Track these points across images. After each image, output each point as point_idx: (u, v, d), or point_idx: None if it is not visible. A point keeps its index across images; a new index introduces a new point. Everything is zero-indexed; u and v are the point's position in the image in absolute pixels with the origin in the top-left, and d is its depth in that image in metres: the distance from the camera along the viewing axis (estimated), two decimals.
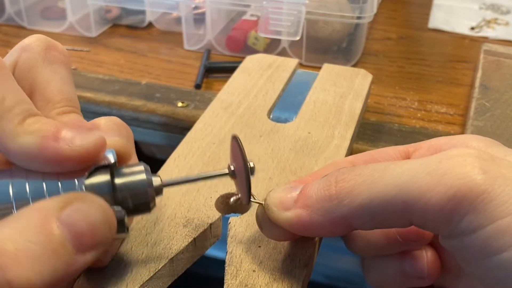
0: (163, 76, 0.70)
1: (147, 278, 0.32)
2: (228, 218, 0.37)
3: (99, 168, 0.29)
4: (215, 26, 0.76)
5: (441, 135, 0.58)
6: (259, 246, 0.35)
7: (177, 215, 0.37)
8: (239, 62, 0.60)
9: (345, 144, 0.46)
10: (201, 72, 0.69)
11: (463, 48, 0.79)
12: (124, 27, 0.82)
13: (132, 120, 0.62)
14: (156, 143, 0.64)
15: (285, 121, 0.50)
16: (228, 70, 0.66)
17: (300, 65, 0.64)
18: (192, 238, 0.35)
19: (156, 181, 0.31)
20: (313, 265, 0.36)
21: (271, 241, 0.35)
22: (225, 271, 0.33)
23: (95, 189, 0.29)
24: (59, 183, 0.29)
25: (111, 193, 0.29)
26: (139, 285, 0.32)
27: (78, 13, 0.79)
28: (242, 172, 0.32)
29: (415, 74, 0.72)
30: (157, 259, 0.33)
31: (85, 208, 0.26)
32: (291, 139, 0.46)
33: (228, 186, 0.40)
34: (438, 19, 0.86)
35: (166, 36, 0.80)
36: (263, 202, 0.33)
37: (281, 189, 0.32)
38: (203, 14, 0.75)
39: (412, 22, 0.87)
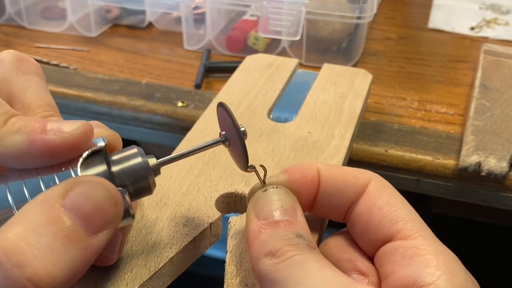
0: (163, 76, 0.70)
1: (147, 278, 0.32)
2: (228, 218, 0.37)
3: (91, 156, 0.29)
4: (215, 26, 0.76)
5: (441, 135, 0.59)
6: None
7: (177, 215, 0.37)
8: (239, 62, 0.60)
9: (345, 143, 0.46)
10: (201, 72, 0.69)
11: (463, 48, 0.79)
12: (124, 27, 0.82)
13: (132, 119, 0.62)
14: (156, 143, 0.64)
15: (285, 120, 0.50)
16: (228, 70, 0.66)
17: (300, 65, 0.64)
18: (192, 238, 0.35)
19: (152, 161, 0.30)
20: None
21: None
22: (225, 270, 0.33)
23: None
24: (55, 176, 0.28)
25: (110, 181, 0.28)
26: (139, 285, 0.32)
27: (78, 13, 0.79)
28: (235, 137, 0.32)
29: (415, 74, 0.72)
30: (157, 258, 0.33)
31: (86, 189, 0.26)
32: (291, 138, 0.46)
33: (229, 186, 0.40)
34: (438, 19, 0.86)
35: (166, 36, 0.80)
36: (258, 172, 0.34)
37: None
38: (203, 14, 0.75)
39: (412, 22, 0.87)
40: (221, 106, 0.33)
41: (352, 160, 0.56)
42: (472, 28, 0.83)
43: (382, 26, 0.85)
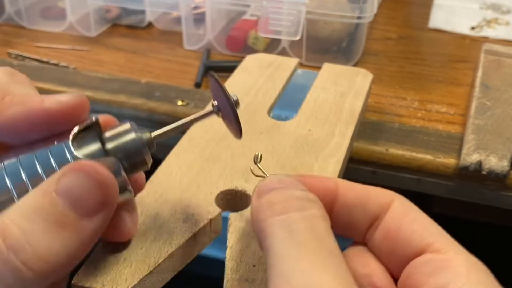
0: (163, 76, 0.70)
1: (146, 273, 0.32)
2: (227, 218, 0.37)
3: (86, 133, 0.29)
4: (215, 26, 0.76)
5: (441, 134, 0.59)
6: None
7: (177, 211, 0.37)
8: (239, 62, 0.60)
9: (345, 142, 0.46)
10: (201, 71, 0.69)
11: (464, 48, 0.79)
12: (124, 26, 0.82)
13: (132, 118, 0.62)
14: (156, 142, 0.64)
15: (285, 119, 0.50)
16: (228, 69, 0.66)
17: (300, 65, 0.64)
18: (192, 234, 0.35)
19: (146, 136, 0.30)
20: None
21: None
22: (226, 265, 0.33)
23: (88, 158, 0.29)
24: (48, 151, 0.28)
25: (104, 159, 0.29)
26: (138, 280, 0.32)
27: (78, 12, 0.79)
28: (227, 106, 0.31)
29: (416, 74, 0.72)
30: (156, 254, 0.33)
31: (80, 175, 0.27)
32: (292, 136, 0.46)
33: (229, 183, 0.40)
34: (439, 19, 0.86)
35: (166, 36, 0.80)
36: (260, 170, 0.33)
37: (274, 180, 0.30)
38: (203, 14, 0.75)
39: (412, 22, 0.87)
40: (212, 76, 0.32)
41: (353, 159, 0.56)
42: (473, 28, 0.83)
43: (382, 26, 0.85)
